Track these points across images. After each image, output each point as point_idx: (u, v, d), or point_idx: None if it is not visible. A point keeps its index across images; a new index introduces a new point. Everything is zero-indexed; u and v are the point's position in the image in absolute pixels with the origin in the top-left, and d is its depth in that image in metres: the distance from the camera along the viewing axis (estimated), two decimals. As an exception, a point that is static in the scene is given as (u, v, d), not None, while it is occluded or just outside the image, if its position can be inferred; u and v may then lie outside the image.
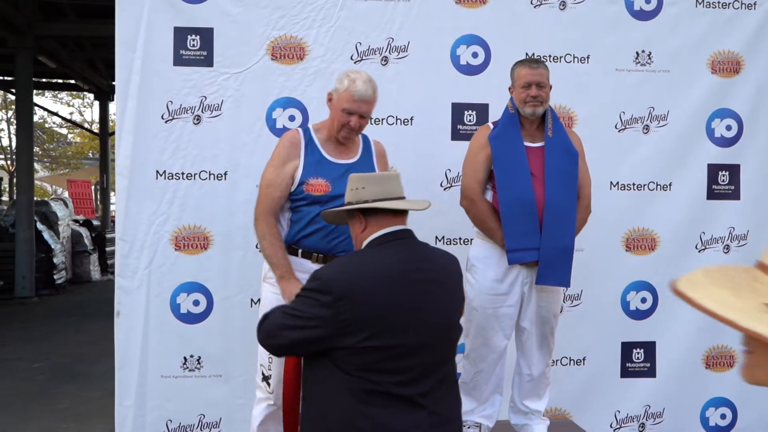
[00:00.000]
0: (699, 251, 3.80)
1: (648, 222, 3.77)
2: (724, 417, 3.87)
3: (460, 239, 3.59)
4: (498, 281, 2.95)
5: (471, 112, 3.64)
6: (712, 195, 3.80)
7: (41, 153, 23.76)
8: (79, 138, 25.80)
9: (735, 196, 3.82)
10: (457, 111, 3.63)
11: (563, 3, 3.68)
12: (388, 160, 3.02)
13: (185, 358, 3.49)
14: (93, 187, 20.91)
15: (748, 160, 3.83)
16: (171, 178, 3.46)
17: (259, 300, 2.96)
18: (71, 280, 11.63)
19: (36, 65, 10.79)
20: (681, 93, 3.77)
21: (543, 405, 3.12)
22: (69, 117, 23.23)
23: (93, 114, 24.05)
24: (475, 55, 3.63)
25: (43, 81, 15.60)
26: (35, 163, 14.15)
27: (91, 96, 16.86)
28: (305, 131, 2.85)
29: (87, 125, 23.63)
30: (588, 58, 3.70)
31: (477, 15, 3.63)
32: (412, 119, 3.60)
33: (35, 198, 11.30)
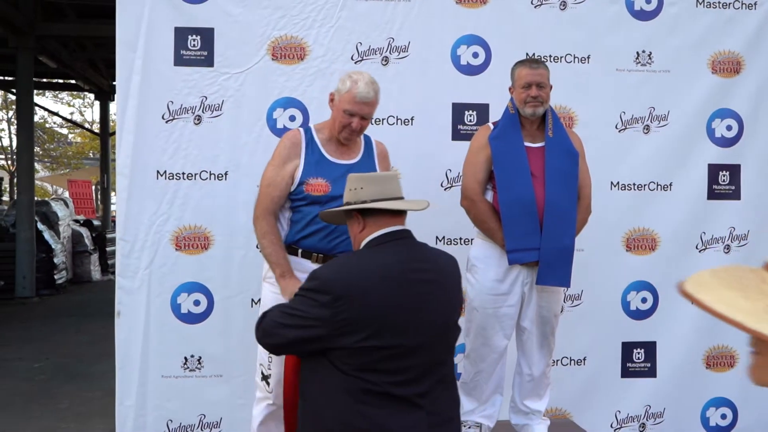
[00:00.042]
0: (699, 251, 3.80)
1: (648, 222, 3.77)
2: (724, 417, 3.87)
3: (460, 239, 3.59)
4: (498, 281, 2.95)
5: (471, 112, 3.64)
6: (712, 195, 3.80)
7: (42, 153, 23.77)
8: (80, 138, 25.82)
9: (735, 196, 3.82)
10: (458, 111, 3.63)
11: (564, 3, 3.68)
12: (390, 161, 3.02)
13: (186, 358, 3.49)
14: (93, 187, 20.91)
15: (748, 160, 3.83)
16: (172, 178, 3.46)
17: (260, 300, 2.96)
18: (72, 280, 11.63)
19: (37, 65, 10.79)
20: (681, 93, 3.77)
21: (543, 405, 3.12)
22: (69, 117, 23.26)
23: (93, 114, 24.11)
24: (476, 55, 3.63)
25: (44, 81, 15.62)
26: (36, 163, 14.15)
27: (92, 96, 16.85)
28: (306, 131, 2.84)
29: (87, 125, 23.64)
30: (588, 58, 3.70)
31: (477, 15, 3.63)
32: (412, 119, 3.60)
33: (36, 198, 11.30)
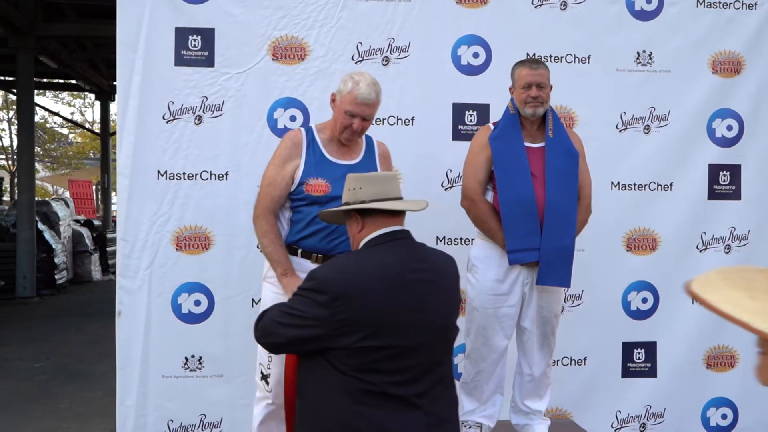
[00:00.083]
0: (700, 251, 3.80)
1: (649, 222, 3.77)
2: (725, 417, 3.87)
3: (460, 239, 3.59)
4: (499, 281, 2.95)
5: (472, 112, 3.64)
6: (713, 195, 3.80)
7: (42, 153, 23.77)
8: (80, 138, 25.83)
9: (736, 196, 3.82)
10: (458, 111, 3.63)
11: (564, 3, 3.68)
12: (391, 162, 3.01)
13: (186, 358, 3.49)
14: (94, 187, 20.89)
15: (748, 160, 3.83)
16: (172, 178, 3.47)
17: (260, 300, 2.96)
18: (72, 280, 11.63)
19: (37, 65, 10.79)
20: (682, 93, 3.77)
21: (544, 405, 3.12)
22: (70, 117, 23.25)
23: (94, 114, 24.11)
24: (476, 56, 3.64)
25: (44, 81, 15.62)
26: (36, 163, 14.15)
27: (92, 96, 16.85)
28: (308, 131, 2.83)
29: (88, 125, 23.63)
30: (589, 58, 3.70)
31: (478, 15, 3.63)
32: (413, 119, 3.60)
33: (36, 198, 11.30)
